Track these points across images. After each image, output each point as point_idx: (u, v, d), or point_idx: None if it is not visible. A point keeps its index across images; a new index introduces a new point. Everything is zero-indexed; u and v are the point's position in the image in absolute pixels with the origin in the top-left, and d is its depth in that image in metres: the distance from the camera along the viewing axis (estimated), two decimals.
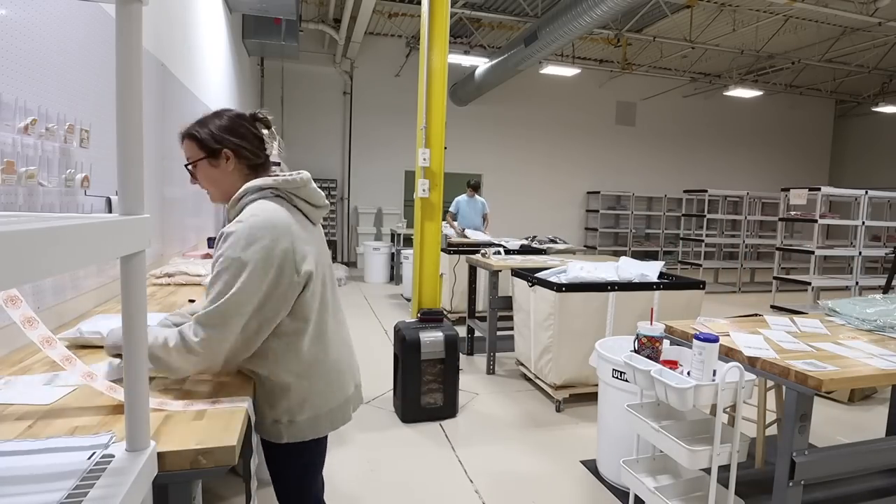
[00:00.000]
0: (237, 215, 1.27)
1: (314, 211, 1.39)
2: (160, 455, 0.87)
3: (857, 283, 6.81)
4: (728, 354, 1.97)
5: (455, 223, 7.02)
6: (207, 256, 3.33)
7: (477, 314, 4.93)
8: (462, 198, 7.18)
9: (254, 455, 1.32)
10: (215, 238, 1.29)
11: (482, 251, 4.79)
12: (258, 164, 1.38)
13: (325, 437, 1.43)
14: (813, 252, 6.71)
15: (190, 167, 1.37)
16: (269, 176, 1.35)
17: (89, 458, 0.79)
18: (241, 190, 1.31)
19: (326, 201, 1.42)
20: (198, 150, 1.34)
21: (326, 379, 1.36)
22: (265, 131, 1.40)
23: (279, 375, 1.29)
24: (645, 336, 2.00)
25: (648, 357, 1.97)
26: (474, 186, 7.13)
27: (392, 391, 3.58)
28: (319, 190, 1.41)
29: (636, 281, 3.66)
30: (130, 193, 0.73)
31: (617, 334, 3.46)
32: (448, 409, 3.33)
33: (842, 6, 7.44)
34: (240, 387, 1.24)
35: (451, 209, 7.12)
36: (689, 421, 2.01)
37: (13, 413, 1.03)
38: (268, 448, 1.40)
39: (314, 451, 1.43)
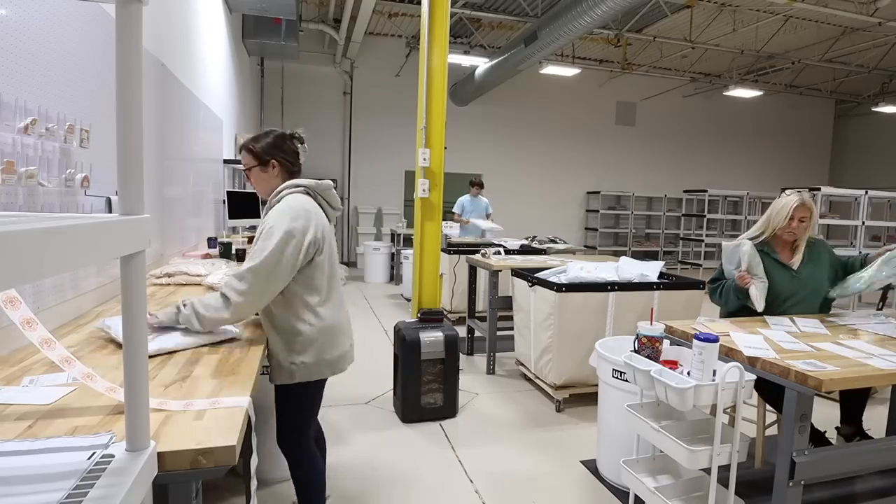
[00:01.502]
0: (278, 203, 1.75)
1: (331, 211, 1.89)
2: (160, 455, 0.87)
3: None
4: (728, 354, 1.97)
5: (462, 218, 6.98)
6: (207, 256, 3.33)
7: (477, 314, 4.93)
8: (465, 197, 7.13)
9: (254, 455, 1.32)
10: (259, 218, 1.83)
11: (482, 251, 4.79)
12: (294, 171, 1.89)
13: (324, 382, 1.87)
14: None
15: (246, 171, 1.87)
16: (304, 178, 1.84)
17: (89, 458, 0.79)
18: (283, 185, 1.80)
19: (341, 206, 1.91)
20: (252, 160, 1.84)
21: (330, 333, 1.80)
22: (300, 146, 1.90)
23: (299, 326, 1.73)
24: (645, 336, 2.00)
25: (648, 357, 1.97)
26: (478, 185, 7.02)
27: (392, 391, 3.58)
28: (337, 195, 1.89)
29: (636, 281, 3.66)
30: (130, 193, 0.73)
31: (617, 334, 3.46)
32: (448, 409, 3.33)
33: (842, 6, 7.44)
34: (240, 386, 1.24)
35: (455, 210, 7.09)
36: (689, 421, 2.01)
37: (13, 413, 1.03)
38: (281, 391, 1.82)
39: (315, 390, 1.85)
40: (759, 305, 2.49)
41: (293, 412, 1.85)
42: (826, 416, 3.62)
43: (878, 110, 11.59)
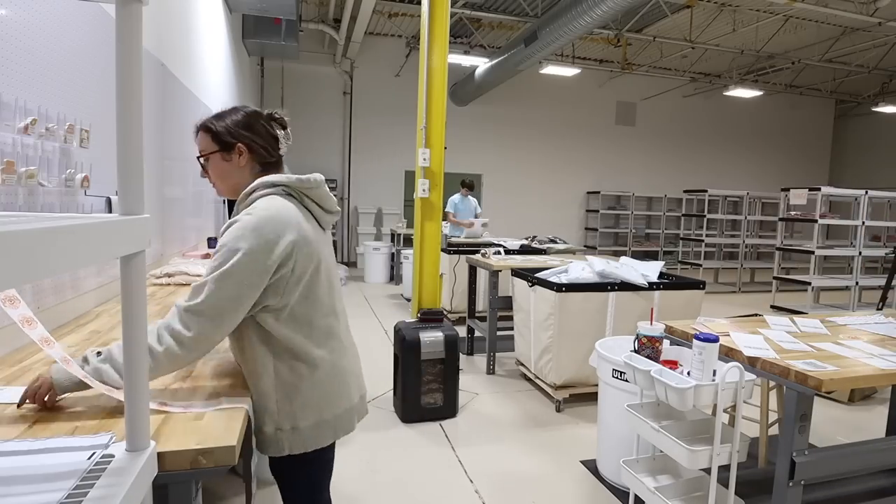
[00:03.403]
0: (246, 208, 1.25)
1: (325, 215, 1.36)
2: (160, 455, 0.87)
3: (857, 283, 6.80)
4: (728, 354, 1.97)
5: (455, 217, 7.08)
6: (207, 256, 3.32)
7: (477, 314, 4.93)
8: (456, 196, 7.20)
9: (254, 455, 1.32)
10: (220, 231, 1.26)
11: (482, 251, 4.79)
12: (270, 162, 1.36)
13: (331, 449, 1.39)
14: (813, 252, 6.71)
15: (202, 160, 1.37)
16: (281, 174, 1.33)
17: (89, 458, 0.79)
18: (253, 184, 1.29)
19: (338, 207, 1.39)
20: (211, 143, 1.34)
21: (331, 383, 1.31)
22: (280, 131, 1.40)
23: (284, 377, 1.25)
24: (645, 336, 2.00)
25: (648, 357, 1.97)
26: (469, 185, 7.12)
27: (392, 391, 3.58)
28: (332, 195, 1.38)
29: (636, 281, 3.65)
30: (130, 193, 0.73)
31: (617, 334, 3.46)
32: (448, 409, 3.33)
33: (842, 6, 7.44)
34: (240, 387, 1.24)
35: (447, 209, 7.15)
36: (689, 421, 2.01)
37: (13, 413, 1.03)
38: (273, 462, 1.36)
39: (319, 462, 1.37)
40: None
41: (292, 487, 1.39)
42: (826, 415, 3.62)
43: (878, 110, 11.59)
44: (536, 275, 3.66)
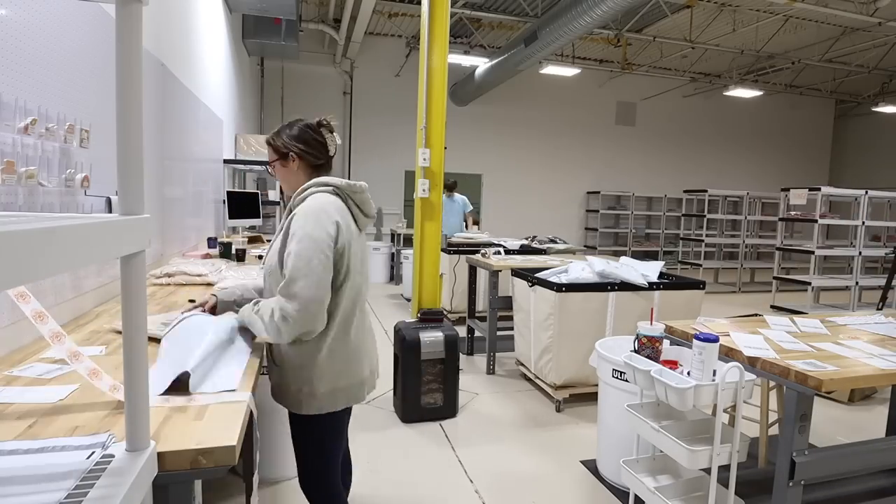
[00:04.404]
0: (301, 203, 1.54)
1: (363, 219, 1.64)
2: (160, 455, 0.87)
3: (857, 283, 6.81)
4: (728, 354, 1.97)
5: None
6: (207, 256, 3.33)
7: (477, 314, 4.93)
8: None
9: (255, 453, 1.32)
10: (283, 218, 1.61)
11: (482, 251, 4.79)
12: (320, 164, 1.66)
13: (341, 418, 1.63)
14: (813, 252, 6.71)
15: (269, 168, 1.71)
16: (334, 177, 1.63)
17: (89, 458, 0.79)
18: (308, 183, 1.58)
19: (374, 214, 1.68)
20: (273, 154, 1.66)
21: (349, 359, 1.57)
22: (328, 135, 1.67)
23: (313, 350, 1.51)
24: (645, 336, 2.00)
25: (648, 357, 1.97)
26: (449, 186, 6.90)
27: (392, 391, 3.58)
28: (372, 202, 1.66)
29: (636, 281, 3.65)
30: (130, 193, 0.73)
31: (617, 334, 3.46)
32: (448, 409, 3.33)
33: (842, 6, 7.44)
34: (244, 380, 1.24)
35: None
36: (689, 421, 2.01)
37: (13, 413, 1.03)
38: (292, 419, 1.61)
39: (328, 425, 1.60)
40: None
41: (305, 447, 1.63)
42: (826, 415, 3.62)
43: (878, 110, 11.59)
44: (536, 275, 3.66)
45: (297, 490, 1.68)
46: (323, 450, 1.62)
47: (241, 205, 4.79)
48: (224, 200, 4.78)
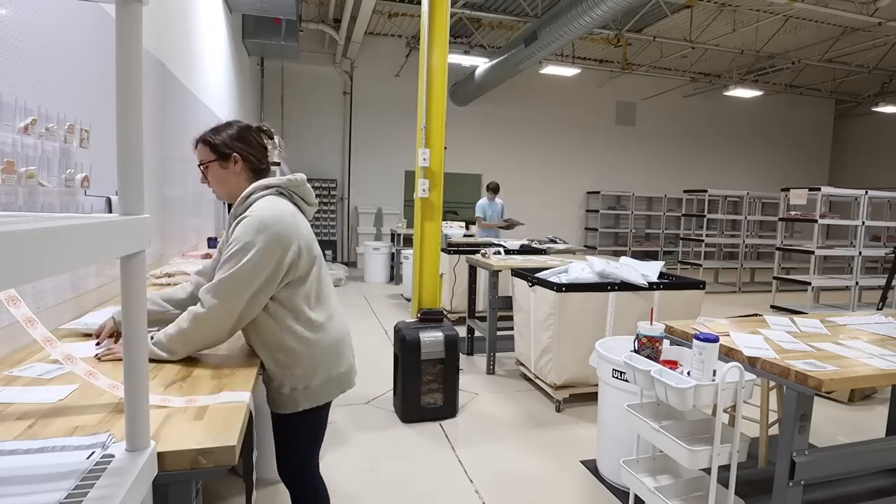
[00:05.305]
0: (245, 210, 1.46)
1: (308, 208, 1.62)
2: (160, 455, 0.87)
3: (857, 283, 6.81)
4: (728, 354, 1.97)
5: (485, 221, 7.31)
6: (207, 256, 3.32)
7: (477, 314, 4.93)
8: (483, 201, 7.42)
9: (255, 453, 1.32)
10: (226, 229, 1.51)
11: (482, 251, 4.79)
12: (260, 168, 1.60)
13: (328, 407, 1.63)
14: (813, 252, 6.71)
15: (202, 168, 1.58)
16: (273, 177, 1.57)
17: (89, 458, 0.79)
18: (250, 188, 1.51)
19: (315, 201, 1.66)
20: (210, 154, 1.56)
21: (336, 348, 1.57)
22: (269, 141, 1.63)
23: (299, 346, 1.48)
24: (645, 336, 2.00)
25: (648, 357, 1.97)
26: (494, 189, 7.33)
27: (392, 391, 3.58)
28: (311, 189, 1.63)
29: (636, 281, 3.65)
30: (130, 193, 0.73)
31: (617, 334, 3.46)
32: (448, 409, 3.33)
33: (842, 6, 7.44)
34: (240, 385, 1.24)
35: (477, 213, 7.40)
36: (689, 421, 2.01)
37: (13, 413, 1.03)
38: (281, 420, 1.57)
39: (321, 416, 1.61)
40: None
41: (295, 442, 1.61)
42: (826, 415, 3.62)
43: (878, 110, 11.59)
44: (536, 275, 3.66)
45: None
46: (315, 442, 1.64)
47: None
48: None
